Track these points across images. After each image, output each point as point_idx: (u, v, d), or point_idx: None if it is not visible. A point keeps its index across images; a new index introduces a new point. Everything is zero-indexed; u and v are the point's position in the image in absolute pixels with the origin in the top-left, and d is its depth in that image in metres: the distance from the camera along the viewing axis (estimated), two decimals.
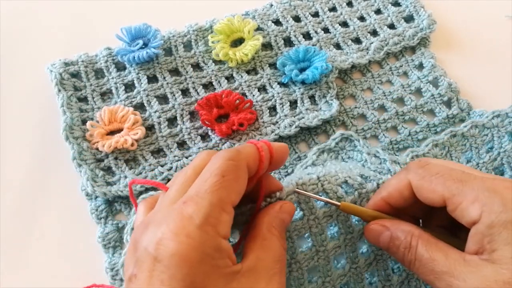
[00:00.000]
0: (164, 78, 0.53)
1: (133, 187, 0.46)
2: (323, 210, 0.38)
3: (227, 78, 0.54)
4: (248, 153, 0.32)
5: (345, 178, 0.39)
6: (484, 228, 0.29)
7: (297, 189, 0.36)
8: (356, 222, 0.39)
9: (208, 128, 0.50)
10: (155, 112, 0.51)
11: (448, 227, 0.36)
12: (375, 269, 0.41)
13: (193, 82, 0.53)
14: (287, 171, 0.49)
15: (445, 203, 0.32)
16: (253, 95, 0.53)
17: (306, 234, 0.38)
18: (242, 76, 0.54)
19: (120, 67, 0.54)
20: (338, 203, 0.36)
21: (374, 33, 0.59)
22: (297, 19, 0.59)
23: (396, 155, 0.50)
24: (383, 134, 0.52)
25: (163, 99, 0.52)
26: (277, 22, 0.59)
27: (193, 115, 0.51)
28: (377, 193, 0.37)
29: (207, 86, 0.54)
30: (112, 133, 0.49)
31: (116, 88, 0.52)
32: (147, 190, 0.47)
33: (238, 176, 0.30)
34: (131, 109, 0.50)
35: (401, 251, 0.33)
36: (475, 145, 0.48)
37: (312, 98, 0.53)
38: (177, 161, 0.48)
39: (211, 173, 0.30)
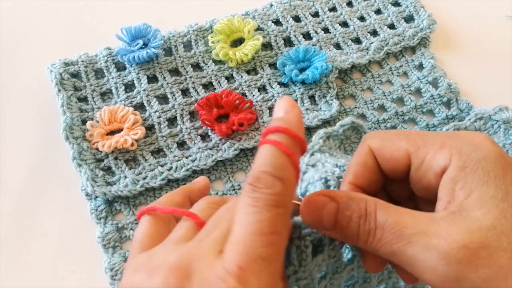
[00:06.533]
0: (164, 78, 0.53)
1: (132, 189, 0.46)
2: None
3: (227, 78, 0.54)
4: None
5: (327, 177, 0.34)
6: (456, 172, 0.26)
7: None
8: None
9: (208, 128, 0.50)
10: (155, 112, 0.51)
11: None
12: (384, 282, 0.38)
13: (193, 82, 0.53)
14: None
15: (410, 161, 0.28)
16: (253, 95, 0.53)
17: (324, 268, 0.33)
18: (242, 76, 0.54)
19: (120, 67, 0.54)
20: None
21: (374, 33, 0.59)
22: (297, 19, 0.59)
23: None
24: None
25: (163, 99, 0.52)
26: (277, 22, 0.59)
27: (193, 115, 0.51)
28: (343, 179, 0.31)
29: (207, 86, 0.54)
30: (112, 133, 0.50)
31: (116, 88, 0.52)
32: (147, 190, 0.47)
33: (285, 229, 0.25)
34: (131, 109, 0.50)
35: (355, 222, 0.27)
36: None
37: (312, 98, 0.53)
38: (177, 161, 0.48)
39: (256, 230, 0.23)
